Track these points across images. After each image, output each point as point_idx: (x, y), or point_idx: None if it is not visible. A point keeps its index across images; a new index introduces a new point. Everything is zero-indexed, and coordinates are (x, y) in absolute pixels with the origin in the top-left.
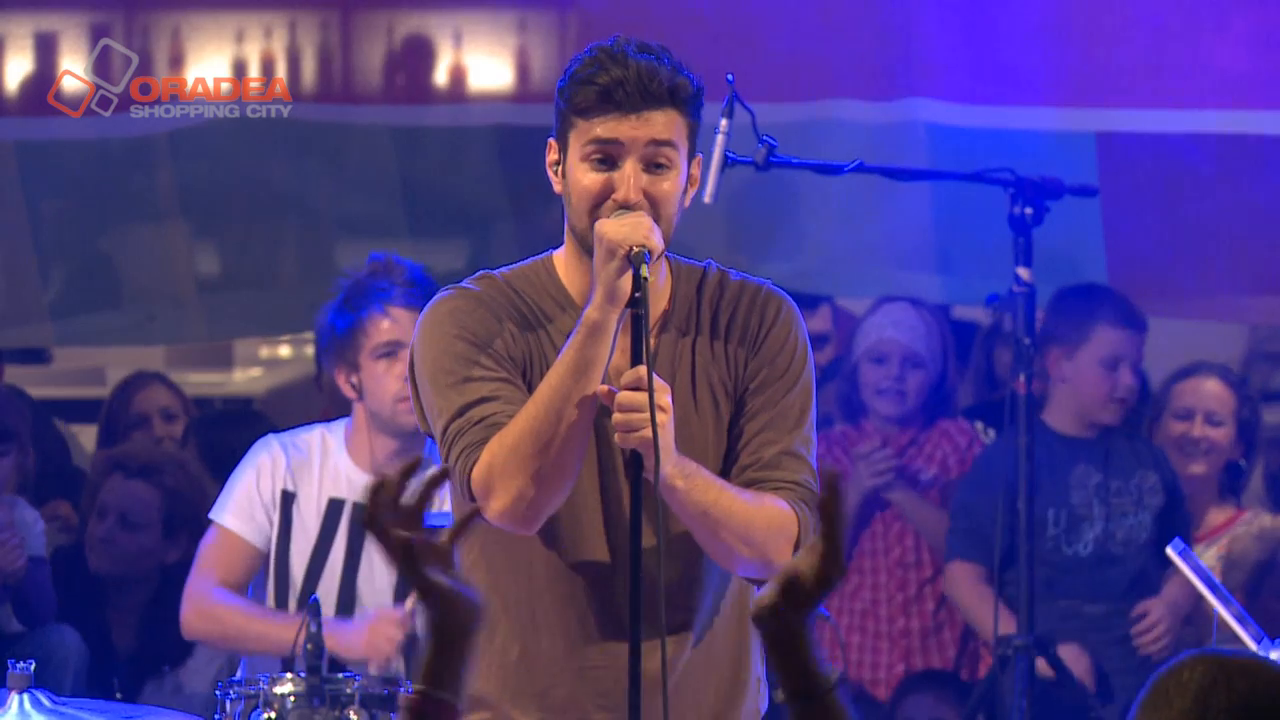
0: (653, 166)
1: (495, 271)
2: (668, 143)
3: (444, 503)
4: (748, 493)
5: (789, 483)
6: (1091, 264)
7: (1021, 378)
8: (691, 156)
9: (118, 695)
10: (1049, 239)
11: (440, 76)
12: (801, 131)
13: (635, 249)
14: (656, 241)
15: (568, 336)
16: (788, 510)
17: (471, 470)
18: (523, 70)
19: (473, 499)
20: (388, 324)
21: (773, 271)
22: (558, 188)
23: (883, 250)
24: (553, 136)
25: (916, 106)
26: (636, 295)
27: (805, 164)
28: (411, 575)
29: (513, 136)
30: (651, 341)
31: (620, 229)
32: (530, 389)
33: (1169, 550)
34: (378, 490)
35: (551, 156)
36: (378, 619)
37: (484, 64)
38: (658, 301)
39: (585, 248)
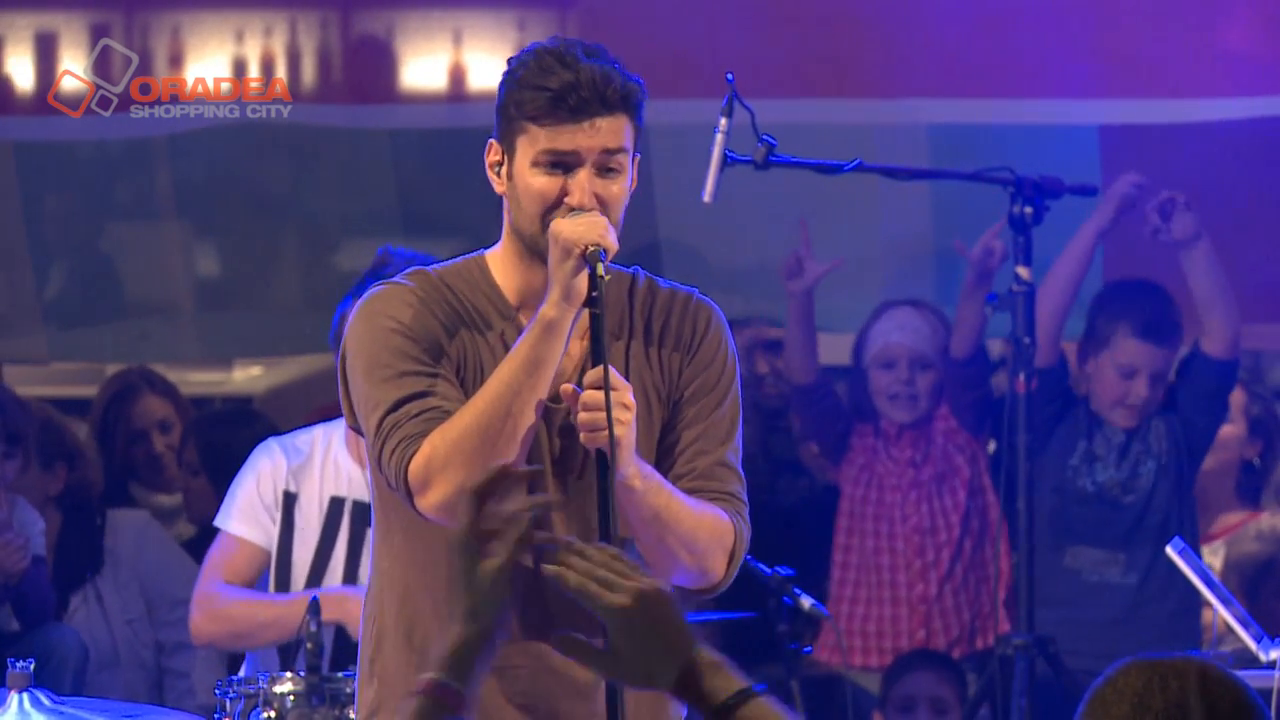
0: (605, 171)
1: (429, 268)
2: (620, 149)
3: None
4: (693, 500)
5: (725, 493)
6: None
7: (1021, 377)
8: (633, 158)
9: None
10: (1048, 235)
11: (440, 76)
12: (801, 130)
13: (591, 248)
14: (612, 241)
15: (517, 337)
16: (725, 520)
17: (409, 462)
18: None
19: (407, 492)
20: None
21: (770, 272)
22: (499, 189)
23: (882, 249)
24: (494, 138)
25: (917, 104)
26: (594, 294)
27: (805, 163)
28: (482, 553)
29: None
30: (581, 345)
31: (576, 228)
32: (464, 389)
33: (1169, 550)
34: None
35: (493, 157)
36: None
37: (484, 64)
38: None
39: (534, 250)
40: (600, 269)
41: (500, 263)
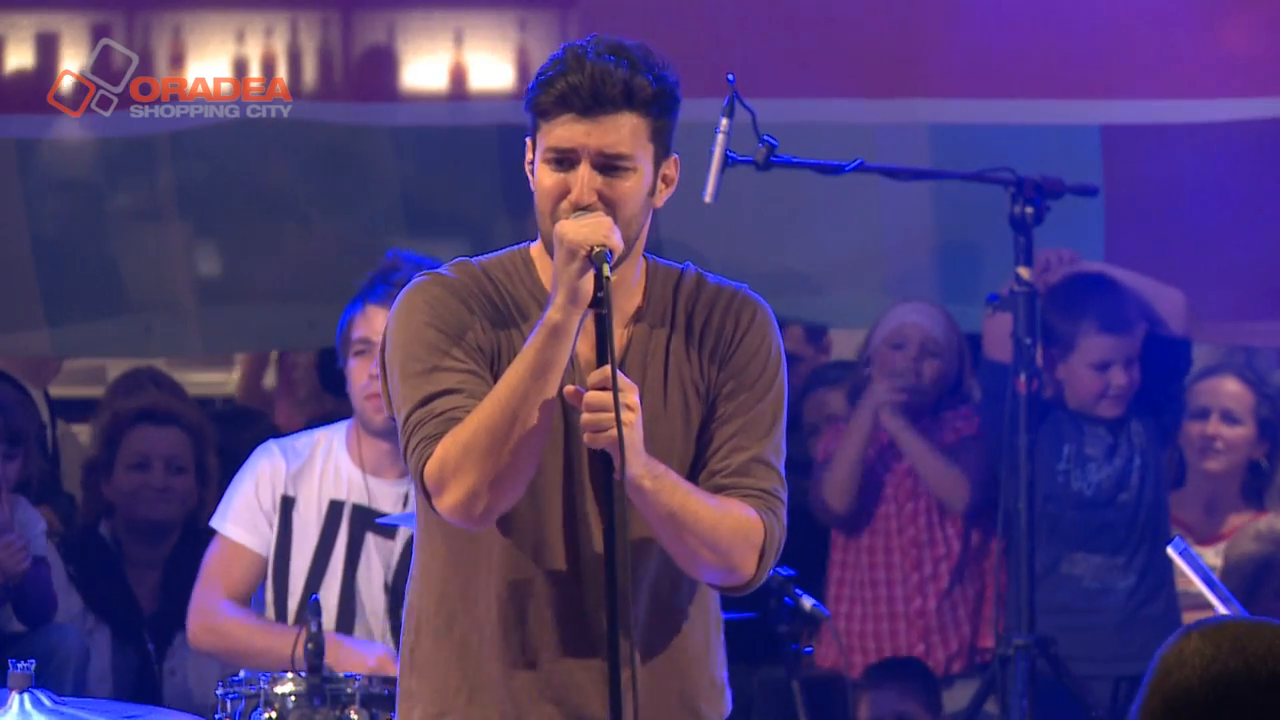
0: (609, 169)
1: (473, 260)
2: (619, 149)
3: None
4: (715, 498)
5: (758, 490)
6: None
7: (1022, 377)
8: (662, 156)
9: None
10: (1048, 235)
11: (441, 76)
12: (801, 130)
13: (596, 249)
14: (616, 241)
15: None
16: (755, 518)
17: (425, 464)
18: (523, 69)
19: (425, 493)
20: (361, 320)
21: (771, 271)
22: (533, 186)
23: (883, 249)
24: (529, 136)
25: (917, 104)
26: (599, 295)
27: (806, 163)
28: None
29: (514, 136)
30: (622, 335)
31: (580, 230)
32: (498, 381)
33: (1169, 550)
34: None
35: (529, 155)
36: (383, 659)
37: (485, 63)
38: (629, 298)
39: (549, 248)
40: (606, 269)
41: (541, 255)
